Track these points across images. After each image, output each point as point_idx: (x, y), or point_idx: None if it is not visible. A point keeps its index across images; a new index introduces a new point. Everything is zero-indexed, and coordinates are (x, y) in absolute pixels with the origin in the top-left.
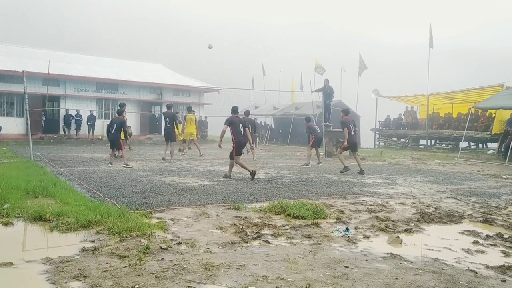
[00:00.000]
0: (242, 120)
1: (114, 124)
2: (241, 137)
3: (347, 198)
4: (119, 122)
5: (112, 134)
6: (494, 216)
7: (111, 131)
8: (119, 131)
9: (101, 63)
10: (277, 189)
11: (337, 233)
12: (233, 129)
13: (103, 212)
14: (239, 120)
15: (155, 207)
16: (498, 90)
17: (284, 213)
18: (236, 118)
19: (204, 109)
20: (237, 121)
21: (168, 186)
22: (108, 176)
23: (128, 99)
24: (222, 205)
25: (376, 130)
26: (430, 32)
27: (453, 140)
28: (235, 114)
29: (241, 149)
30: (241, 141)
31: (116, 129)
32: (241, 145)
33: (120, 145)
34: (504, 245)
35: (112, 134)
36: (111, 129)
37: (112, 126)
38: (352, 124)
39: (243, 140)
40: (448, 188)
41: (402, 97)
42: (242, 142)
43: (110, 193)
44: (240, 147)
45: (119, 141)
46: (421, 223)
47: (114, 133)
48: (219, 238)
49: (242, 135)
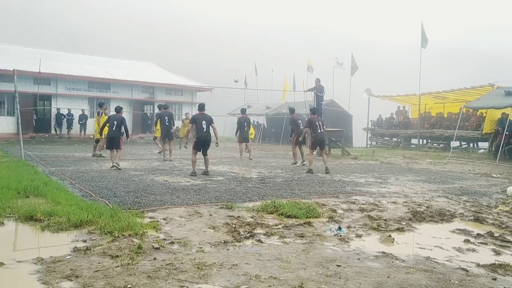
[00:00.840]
0: (207, 117)
1: (114, 122)
2: (202, 133)
3: (339, 197)
4: (119, 119)
5: (113, 131)
6: (485, 215)
7: (112, 129)
8: (119, 128)
9: (93, 62)
10: (269, 188)
11: (330, 232)
12: (196, 126)
13: (95, 211)
14: (203, 117)
15: (148, 206)
16: (489, 89)
17: (276, 212)
18: (200, 115)
19: (196, 108)
20: (200, 118)
21: (161, 186)
22: (100, 175)
23: (120, 98)
24: (215, 205)
25: (368, 129)
26: (422, 32)
27: (445, 140)
28: (201, 111)
29: (201, 145)
30: (201, 137)
31: (117, 126)
32: (201, 142)
33: (119, 143)
34: (494, 244)
35: (113, 131)
36: (111, 127)
37: (112, 124)
38: (319, 122)
39: (204, 137)
40: (439, 187)
41: (394, 97)
42: (203, 139)
43: (102, 193)
44: (200, 143)
45: (119, 139)
46: (412, 222)
47: (115, 130)
48: (212, 238)
49: (204, 132)
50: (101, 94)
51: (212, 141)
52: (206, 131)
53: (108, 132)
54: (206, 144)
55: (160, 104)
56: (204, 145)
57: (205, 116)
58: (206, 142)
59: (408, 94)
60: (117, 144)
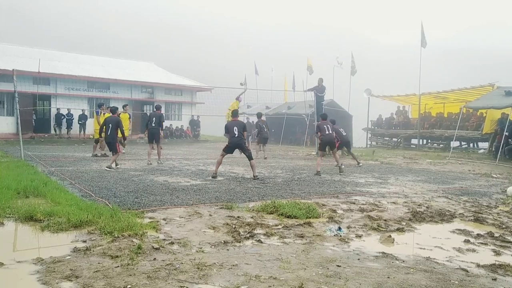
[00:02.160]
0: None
1: (109, 124)
2: (234, 138)
3: (339, 198)
4: (114, 122)
5: (108, 136)
6: (485, 215)
7: (107, 133)
8: (115, 130)
9: (92, 61)
10: (269, 189)
11: (330, 232)
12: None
13: (94, 212)
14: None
15: (147, 206)
16: (489, 89)
17: (276, 213)
18: (233, 122)
19: (196, 108)
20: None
21: (160, 186)
22: (100, 175)
23: (119, 98)
24: (215, 205)
25: (368, 129)
26: (422, 32)
27: (445, 140)
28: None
29: (232, 149)
30: (233, 142)
31: (112, 129)
32: (232, 145)
33: (116, 147)
34: (494, 244)
35: (108, 136)
36: (107, 130)
37: (108, 128)
38: (328, 125)
39: (236, 141)
40: (439, 187)
41: (394, 97)
42: (234, 142)
43: (102, 193)
44: (231, 147)
45: (115, 142)
46: (413, 222)
47: (110, 133)
48: (212, 238)
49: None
50: (100, 94)
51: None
52: (238, 136)
53: (104, 137)
54: (238, 147)
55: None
56: (237, 148)
57: (237, 122)
58: (238, 145)
59: (408, 94)
60: (114, 148)
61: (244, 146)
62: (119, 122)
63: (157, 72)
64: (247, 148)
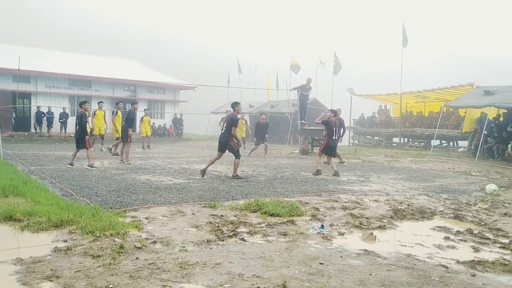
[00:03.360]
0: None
1: (76, 120)
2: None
3: (322, 196)
4: (78, 116)
5: (76, 131)
6: (464, 212)
7: (75, 129)
8: (80, 126)
9: (74, 59)
10: (253, 187)
11: (312, 230)
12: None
13: (76, 211)
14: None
15: (130, 205)
16: (469, 89)
17: (260, 211)
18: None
19: (179, 107)
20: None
21: (143, 185)
22: (81, 174)
23: (101, 96)
24: (198, 203)
25: (350, 128)
26: (403, 32)
27: (425, 138)
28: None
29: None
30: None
31: (78, 125)
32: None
33: (85, 144)
34: (474, 241)
35: (76, 131)
36: (76, 126)
37: (75, 123)
38: (336, 127)
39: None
40: (420, 185)
41: (376, 96)
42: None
43: (83, 192)
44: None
45: (83, 140)
46: (394, 220)
47: (77, 130)
48: (195, 237)
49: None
50: (82, 92)
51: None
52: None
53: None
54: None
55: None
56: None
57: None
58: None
59: (389, 93)
60: (82, 145)
61: (227, 144)
62: (81, 117)
63: (140, 70)
64: (233, 147)
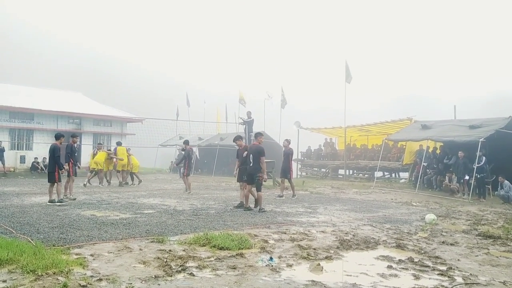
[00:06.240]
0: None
1: (48, 153)
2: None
3: (271, 228)
4: (51, 148)
5: (48, 165)
6: (406, 241)
7: (48, 161)
8: (52, 159)
9: (15, 91)
10: (202, 220)
11: (262, 262)
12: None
13: (16, 249)
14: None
15: (74, 242)
16: (408, 123)
17: (209, 245)
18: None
19: (126, 140)
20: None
21: (88, 220)
22: (21, 210)
23: (44, 129)
24: (145, 239)
25: (298, 160)
26: (346, 68)
27: (369, 170)
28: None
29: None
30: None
31: (50, 158)
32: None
33: (55, 177)
34: (414, 269)
35: (48, 165)
36: (49, 159)
37: (48, 156)
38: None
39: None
40: (365, 216)
41: (322, 129)
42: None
43: (24, 229)
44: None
45: (53, 172)
46: (340, 250)
47: (49, 163)
48: (142, 273)
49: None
50: (24, 124)
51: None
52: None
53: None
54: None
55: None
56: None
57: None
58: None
59: (334, 126)
60: (52, 178)
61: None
62: (54, 150)
63: (85, 102)
64: (259, 179)
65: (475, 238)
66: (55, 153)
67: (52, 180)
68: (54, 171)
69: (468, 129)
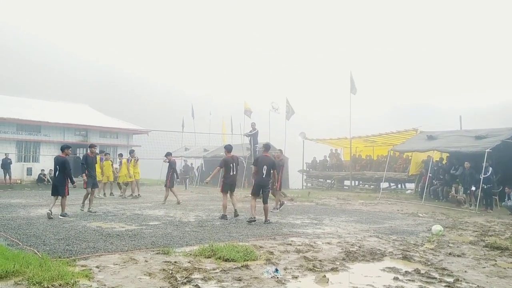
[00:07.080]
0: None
1: (57, 165)
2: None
3: (276, 239)
4: (60, 162)
5: (56, 177)
6: (412, 253)
7: (55, 174)
8: (63, 173)
9: (23, 104)
10: (207, 232)
11: (267, 274)
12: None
13: (22, 261)
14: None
15: (79, 254)
16: (413, 134)
17: (214, 256)
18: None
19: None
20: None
21: (94, 232)
22: (28, 222)
23: (51, 142)
24: (151, 250)
25: (303, 171)
26: (351, 79)
27: (375, 181)
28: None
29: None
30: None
31: (60, 171)
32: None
33: (64, 190)
34: (421, 280)
35: (56, 177)
36: (55, 172)
37: (56, 169)
38: (234, 163)
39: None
40: (371, 227)
41: (327, 140)
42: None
43: (30, 241)
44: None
45: (64, 186)
46: (346, 262)
47: (58, 176)
48: (147, 285)
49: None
50: (30, 137)
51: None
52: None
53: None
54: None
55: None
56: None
57: (267, 159)
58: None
59: (340, 137)
60: (62, 191)
61: (266, 188)
62: (64, 163)
63: (92, 114)
64: (268, 191)
65: (482, 250)
66: (67, 167)
67: (62, 193)
68: (64, 184)
69: (474, 139)
